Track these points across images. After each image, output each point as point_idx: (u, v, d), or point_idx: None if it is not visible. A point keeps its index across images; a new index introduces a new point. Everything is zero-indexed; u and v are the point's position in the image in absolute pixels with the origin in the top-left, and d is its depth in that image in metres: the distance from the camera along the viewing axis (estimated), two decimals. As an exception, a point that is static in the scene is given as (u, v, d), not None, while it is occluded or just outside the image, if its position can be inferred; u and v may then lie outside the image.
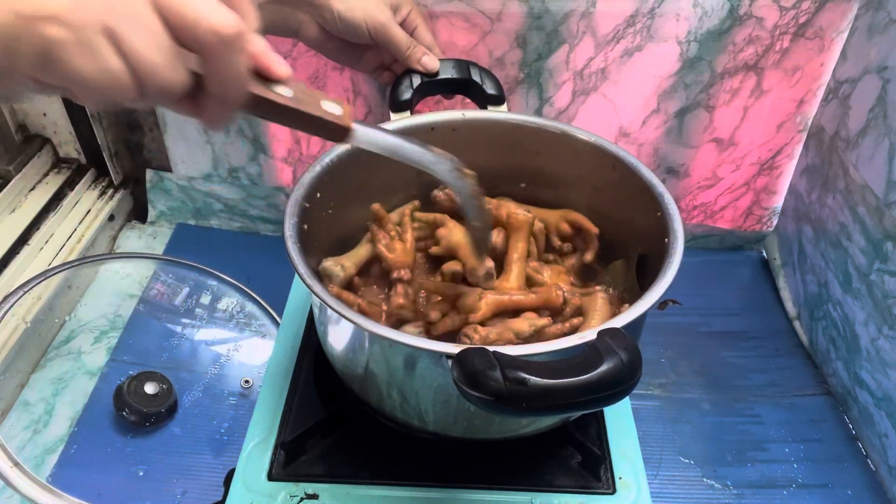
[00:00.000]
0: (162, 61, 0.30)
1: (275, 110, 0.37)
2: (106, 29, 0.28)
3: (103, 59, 0.29)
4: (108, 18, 0.28)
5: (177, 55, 0.30)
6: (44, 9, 0.28)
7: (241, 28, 0.31)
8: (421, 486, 0.53)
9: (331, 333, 0.53)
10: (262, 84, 0.36)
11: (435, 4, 0.78)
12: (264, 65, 0.35)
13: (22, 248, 0.90)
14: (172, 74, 0.30)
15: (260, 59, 0.34)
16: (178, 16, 0.30)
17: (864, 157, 0.77)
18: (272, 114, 0.37)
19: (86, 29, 0.28)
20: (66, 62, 0.28)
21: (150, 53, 0.29)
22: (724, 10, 0.79)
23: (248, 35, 0.32)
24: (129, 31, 0.29)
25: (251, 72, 0.34)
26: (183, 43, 0.30)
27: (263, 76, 0.36)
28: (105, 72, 0.29)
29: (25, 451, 0.74)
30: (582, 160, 0.63)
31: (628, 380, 0.39)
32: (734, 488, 0.76)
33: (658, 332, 0.92)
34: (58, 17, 0.28)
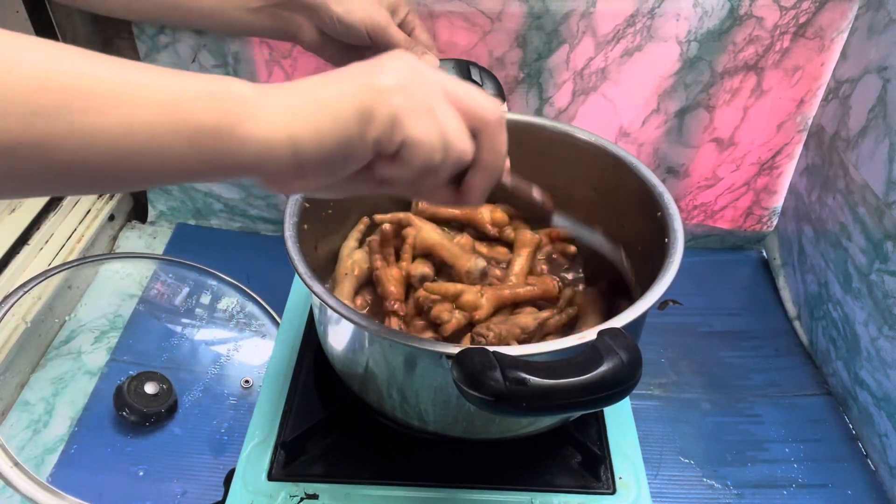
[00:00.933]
0: (462, 131, 0.38)
1: (503, 193, 0.46)
2: (428, 107, 0.37)
3: (430, 123, 0.37)
4: (429, 98, 0.37)
5: (466, 131, 0.39)
6: (395, 84, 0.36)
7: (504, 112, 0.42)
8: (421, 486, 0.53)
9: (331, 333, 0.53)
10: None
11: (435, 4, 0.78)
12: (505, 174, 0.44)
13: (22, 248, 0.90)
14: (466, 144, 0.39)
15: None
16: (464, 103, 0.39)
17: (864, 156, 0.77)
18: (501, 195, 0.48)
19: (419, 100, 0.36)
20: (407, 125, 0.36)
21: (455, 124, 0.38)
22: (724, 10, 0.79)
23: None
24: (440, 106, 0.37)
25: None
26: (468, 123, 0.39)
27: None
28: (431, 133, 0.37)
29: (25, 451, 0.74)
30: (582, 160, 0.63)
31: (628, 380, 0.39)
32: (734, 488, 0.76)
33: (658, 332, 0.92)
34: (403, 88, 0.36)
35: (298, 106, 0.34)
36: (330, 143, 0.34)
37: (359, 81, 0.35)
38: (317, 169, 0.35)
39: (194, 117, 0.31)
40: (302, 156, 0.34)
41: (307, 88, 0.35)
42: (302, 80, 0.36)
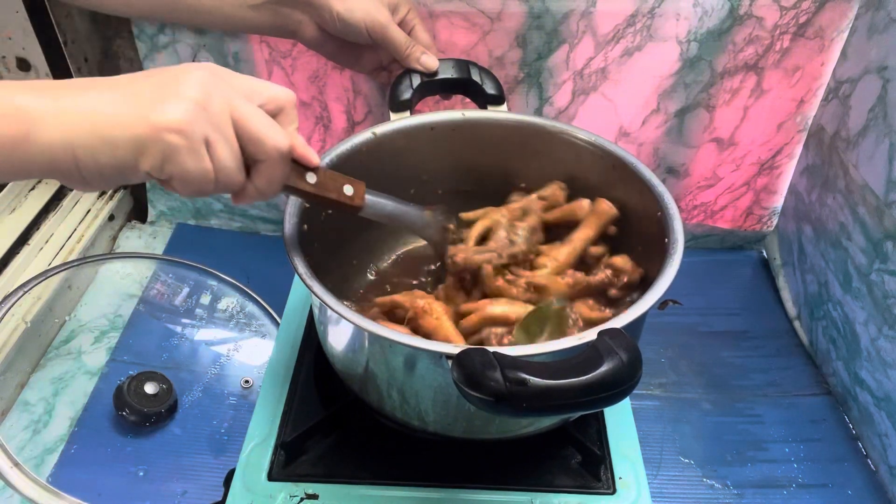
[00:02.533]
0: (234, 167, 0.40)
1: (301, 193, 0.47)
2: (206, 140, 0.38)
3: (203, 160, 0.39)
4: (208, 132, 0.38)
5: (241, 162, 0.41)
6: (172, 122, 0.37)
7: (290, 145, 0.42)
8: (421, 486, 0.53)
9: (331, 333, 0.53)
10: (295, 173, 0.45)
11: (435, 4, 0.78)
12: (305, 157, 0.45)
13: (22, 248, 0.90)
14: (238, 176, 0.41)
15: (300, 151, 0.45)
16: (249, 132, 0.40)
17: (864, 156, 0.77)
18: (299, 195, 0.47)
19: (196, 138, 0.38)
20: (179, 161, 0.38)
21: (229, 160, 0.40)
22: (724, 9, 0.79)
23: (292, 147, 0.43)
24: (218, 142, 0.39)
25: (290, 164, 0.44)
26: (247, 153, 0.41)
27: (299, 164, 0.46)
28: (202, 170, 0.39)
29: (25, 451, 0.74)
30: (582, 160, 0.63)
31: (628, 380, 0.39)
32: (734, 488, 0.76)
33: (658, 332, 0.92)
34: (180, 128, 0.37)
35: (77, 126, 0.36)
36: (106, 167, 0.37)
37: (139, 111, 0.37)
38: (99, 182, 0.38)
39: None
40: (83, 170, 0.37)
41: (90, 103, 0.37)
42: (88, 87, 0.38)
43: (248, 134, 0.40)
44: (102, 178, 0.38)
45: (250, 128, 0.40)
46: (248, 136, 0.40)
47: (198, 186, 0.39)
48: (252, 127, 0.40)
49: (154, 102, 0.37)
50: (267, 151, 0.41)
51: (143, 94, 0.38)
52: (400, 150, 0.64)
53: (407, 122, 0.64)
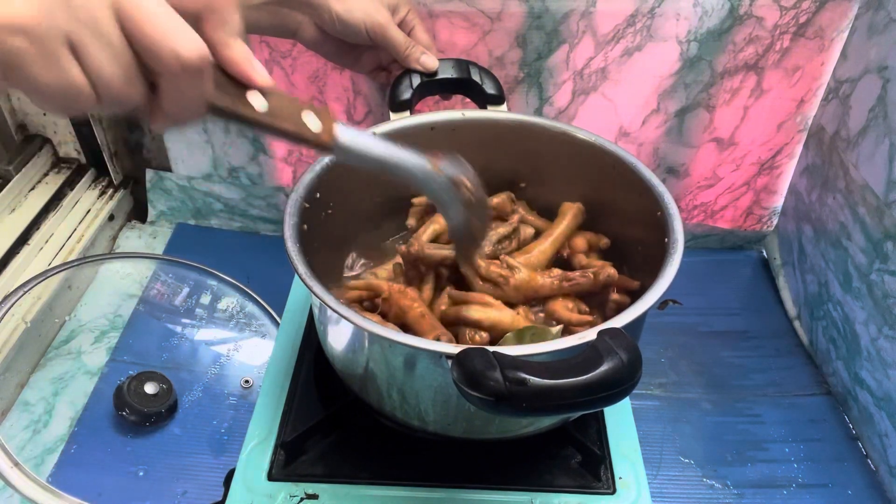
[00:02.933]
0: (120, 76, 0.30)
1: (246, 121, 0.35)
2: (69, 41, 0.28)
3: (64, 70, 0.29)
4: (73, 31, 0.28)
5: (135, 71, 0.30)
6: (10, 20, 0.27)
7: (203, 54, 0.31)
8: (421, 486, 0.53)
9: (331, 333, 0.53)
10: (233, 94, 0.34)
11: (435, 4, 0.78)
12: (244, 73, 0.34)
13: (22, 248, 0.90)
14: (129, 89, 0.31)
15: (240, 67, 0.34)
16: (141, 34, 0.30)
17: (865, 156, 0.77)
18: (245, 124, 0.36)
19: (50, 41, 0.28)
20: (26, 72, 0.28)
21: (109, 68, 0.29)
22: (724, 9, 0.79)
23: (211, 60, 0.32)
24: (91, 44, 0.29)
25: (225, 79, 0.34)
26: (143, 60, 0.30)
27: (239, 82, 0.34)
28: (64, 82, 0.29)
29: (25, 451, 0.75)
30: (582, 160, 0.63)
31: (628, 380, 0.39)
32: (734, 488, 0.76)
33: (658, 332, 0.92)
34: (23, 28, 0.27)
35: None
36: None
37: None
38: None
39: None
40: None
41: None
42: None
43: (137, 36, 0.30)
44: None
45: (140, 27, 0.29)
46: (137, 39, 0.30)
47: (63, 102, 0.30)
48: (143, 26, 0.29)
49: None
50: (163, 60, 0.30)
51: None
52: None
53: (407, 122, 0.64)
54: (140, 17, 0.29)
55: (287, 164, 0.98)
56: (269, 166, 0.98)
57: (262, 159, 0.97)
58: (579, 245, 0.63)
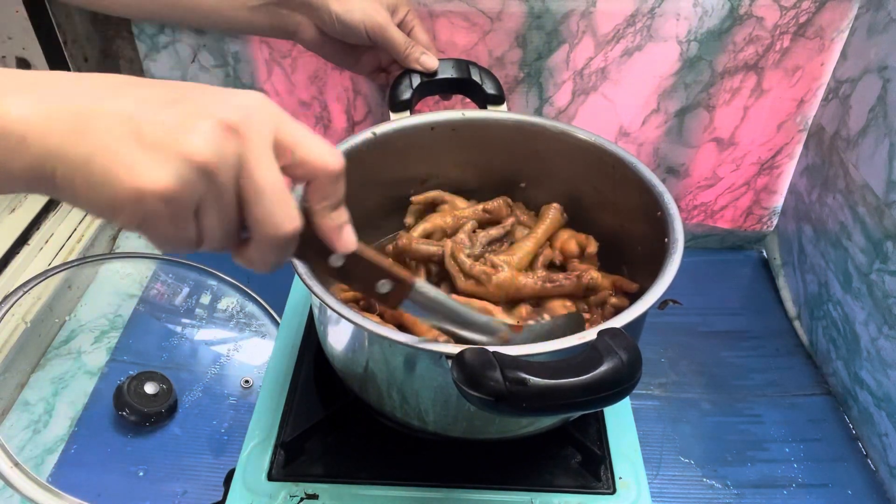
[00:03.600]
0: (224, 236, 0.33)
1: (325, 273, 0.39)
2: (199, 207, 0.31)
3: (184, 231, 0.31)
4: (203, 201, 0.31)
5: (234, 233, 0.33)
6: (155, 186, 0.29)
7: (296, 230, 0.34)
8: (421, 486, 0.53)
9: (331, 333, 0.53)
10: (315, 251, 0.38)
11: (435, 4, 0.78)
12: (331, 242, 0.38)
13: (22, 248, 0.90)
14: (226, 244, 0.34)
15: (329, 236, 0.37)
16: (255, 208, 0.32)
17: (865, 156, 0.77)
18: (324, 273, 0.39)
19: (182, 208, 0.30)
20: (155, 228, 0.31)
21: (219, 230, 0.33)
22: (725, 9, 0.79)
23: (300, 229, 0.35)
24: (211, 212, 0.31)
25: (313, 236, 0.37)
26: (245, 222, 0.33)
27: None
28: (181, 238, 0.32)
29: (25, 451, 0.74)
30: (582, 160, 0.63)
31: (628, 380, 0.39)
32: (734, 488, 0.76)
33: (658, 332, 0.92)
34: (165, 197, 0.29)
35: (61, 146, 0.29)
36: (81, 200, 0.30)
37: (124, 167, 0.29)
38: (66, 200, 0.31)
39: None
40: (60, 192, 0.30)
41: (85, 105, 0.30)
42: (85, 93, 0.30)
43: (250, 210, 0.32)
44: (77, 205, 0.31)
45: (255, 206, 0.32)
46: (249, 212, 0.33)
47: (172, 249, 0.33)
48: (258, 205, 0.32)
49: (152, 151, 0.29)
50: (263, 234, 0.33)
51: (147, 131, 0.29)
52: (400, 150, 0.64)
53: (407, 122, 0.64)
54: (257, 195, 0.32)
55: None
56: (269, 166, 0.98)
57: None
58: (571, 249, 0.63)
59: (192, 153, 0.29)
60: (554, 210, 0.64)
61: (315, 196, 0.35)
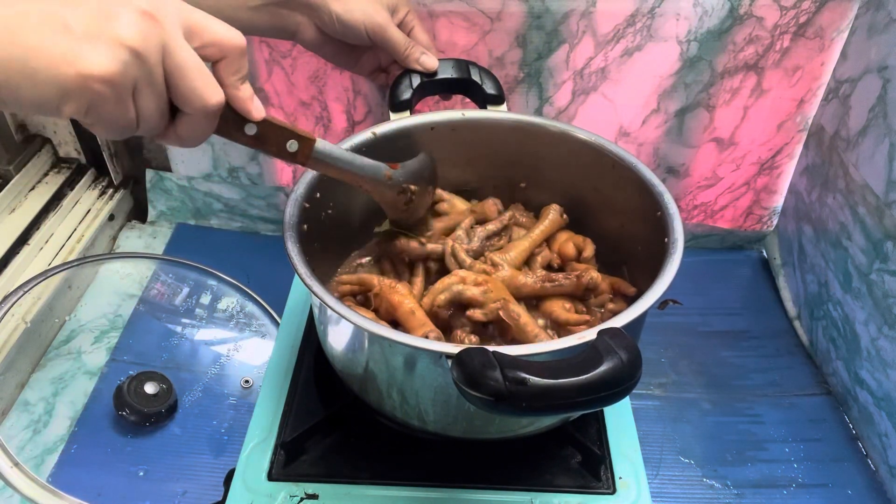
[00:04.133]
0: (157, 113, 0.38)
1: (241, 143, 0.45)
2: (135, 87, 0.36)
3: (128, 111, 0.36)
4: (138, 79, 0.36)
5: (167, 109, 0.39)
6: (101, 73, 0.34)
7: (221, 102, 0.40)
8: (421, 486, 0.53)
9: (331, 333, 0.53)
10: (231, 122, 0.43)
11: (435, 4, 0.78)
12: (246, 110, 0.43)
13: (22, 248, 0.90)
14: (160, 122, 0.39)
15: (244, 105, 0.42)
16: (181, 84, 0.37)
17: (865, 156, 0.77)
18: (241, 143, 0.45)
19: (123, 90, 0.35)
20: (101, 110, 0.35)
21: (153, 108, 0.37)
22: (725, 9, 0.79)
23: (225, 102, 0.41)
24: (145, 91, 0.36)
25: (228, 111, 0.42)
26: (174, 101, 0.38)
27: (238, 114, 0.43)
28: (123, 118, 0.37)
29: (25, 451, 0.75)
30: (582, 160, 0.63)
31: (628, 380, 0.39)
32: (734, 488, 0.76)
33: (658, 332, 0.92)
34: (110, 79, 0.34)
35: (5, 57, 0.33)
36: (24, 101, 0.34)
37: (67, 52, 0.33)
38: (19, 109, 0.36)
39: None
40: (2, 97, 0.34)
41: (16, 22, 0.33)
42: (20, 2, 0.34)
43: (177, 86, 0.37)
44: (21, 108, 0.35)
45: (181, 81, 0.37)
46: (176, 89, 0.38)
47: (117, 132, 0.38)
48: (183, 80, 0.37)
49: (85, 38, 0.33)
50: (193, 107, 0.38)
51: (74, 24, 0.33)
52: (400, 150, 0.64)
53: (407, 122, 0.64)
54: (181, 71, 0.37)
55: (287, 164, 0.98)
56: (269, 166, 0.98)
57: (262, 159, 0.97)
58: (568, 252, 0.63)
59: (123, 38, 0.34)
60: (553, 211, 0.64)
61: (226, 71, 0.40)
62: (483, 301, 0.53)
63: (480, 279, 0.54)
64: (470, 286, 0.53)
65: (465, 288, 0.53)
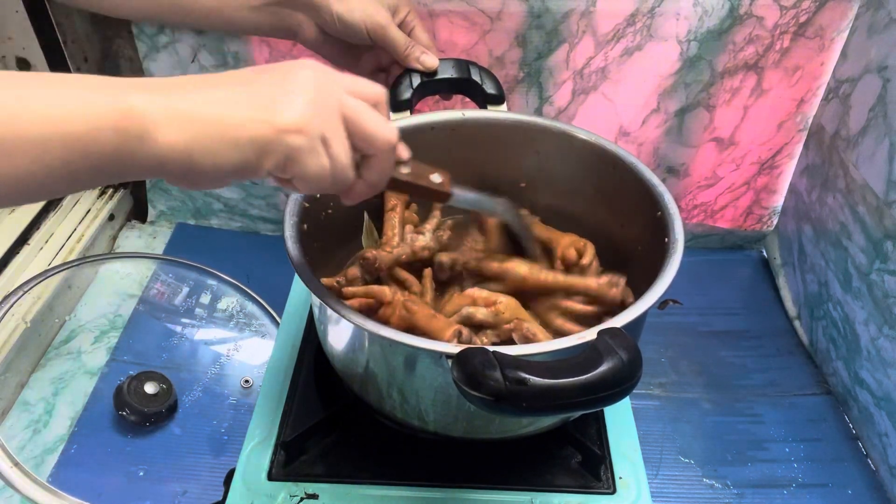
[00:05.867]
0: (348, 163, 0.41)
1: (399, 185, 0.47)
2: (323, 138, 0.39)
3: (322, 160, 0.39)
4: (325, 130, 0.39)
5: (353, 158, 0.41)
6: (292, 122, 0.37)
7: (398, 136, 0.43)
8: (421, 486, 0.53)
9: (331, 333, 0.53)
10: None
11: (435, 3, 0.78)
12: (400, 154, 0.45)
13: (22, 248, 0.90)
14: (352, 172, 0.42)
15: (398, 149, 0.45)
16: (363, 129, 0.40)
17: (865, 156, 0.77)
18: (396, 188, 0.47)
19: (314, 138, 0.38)
20: (300, 162, 0.38)
21: (343, 158, 0.40)
22: (725, 9, 0.79)
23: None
24: (334, 140, 0.39)
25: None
26: (359, 148, 0.41)
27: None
28: (321, 169, 0.39)
29: (25, 451, 0.74)
30: (582, 160, 0.63)
31: (628, 380, 0.39)
32: (734, 488, 0.76)
33: (658, 332, 0.92)
34: (301, 129, 0.37)
35: (199, 127, 0.36)
36: (226, 166, 0.37)
37: (259, 113, 0.37)
38: (207, 181, 0.38)
39: (98, 146, 0.34)
40: (196, 170, 0.36)
41: (208, 106, 0.36)
42: (201, 86, 0.37)
43: (361, 130, 0.40)
44: (215, 178, 0.38)
45: (362, 124, 0.40)
46: (360, 132, 0.40)
47: (316, 185, 0.40)
48: (363, 123, 0.40)
49: (272, 102, 0.37)
50: (379, 146, 0.41)
51: (259, 93, 0.37)
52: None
53: (407, 122, 0.64)
54: (358, 116, 0.40)
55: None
56: (269, 166, 0.98)
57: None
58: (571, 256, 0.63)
59: (304, 93, 0.38)
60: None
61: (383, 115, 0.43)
62: (495, 323, 0.53)
63: (492, 298, 0.54)
64: (480, 307, 0.53)
65: (475, 310, 0.53)
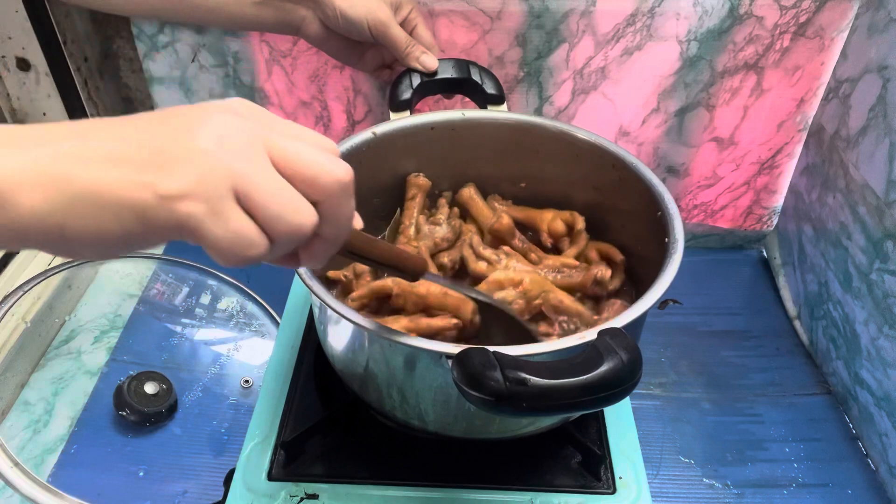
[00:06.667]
0: (289, 206, 0.31)
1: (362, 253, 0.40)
2: (234, 190, 0.30)
3: (234, 221, 0.30)
4: (235, 181, 0.30)
5: (300, 198, 0.32)
6: (176, 188, 0.29)
7: (351, 172, 0.34)
8: (421, 486, 0.53)
9: (331, 333, 0.53)
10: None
11: (435, 3, 0.78)
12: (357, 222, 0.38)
13: (22, 247, 0.90)
14: (298, 218, 0.32)
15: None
16: (300, 169, 0.31)
17: (865, 156, 0.77)
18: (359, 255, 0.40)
19: (215, 199, 0.29)
20: (200, 232, 0.30)
21: (275, 201, 0.31)
22: (725, 9, 0.79)
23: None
24: (253, 187, 0.30)
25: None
26: (304, 195, 0.32)
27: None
28: (235, 233, 0.30)
29: (25, 451, 0.74)
30: (582, 160, 0.63)
31: (628, 380, 0.39)
32: (734, 488, 0.76)
33: (658, 332, 0.92)
34: (188, 194, 0.29)
35: (71, 191, 0.28)
36: (108, 238, 0.30)
37: (142, 177, 0.29)
38: (92, 253, 0.31)
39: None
40: (73, 242, 0.29)
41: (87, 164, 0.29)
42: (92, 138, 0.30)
43: (299, 171, 0.31)
44: (105, 251, 0.30)
45: (298, 163, 0.31)
46: (298, 174, 0.31)
47: (238, 251, 0.31)
48: (300, 162, 0.31)
49: (162, 159, 0.29)
50: (324, 186, 0.32)
51: (151, 147, 0.30)
52: (400, 150, 0.64)
53: (407, 121, 0.64)
54: (296, 158, 0.31)
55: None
56: (269, 166, 0.98)
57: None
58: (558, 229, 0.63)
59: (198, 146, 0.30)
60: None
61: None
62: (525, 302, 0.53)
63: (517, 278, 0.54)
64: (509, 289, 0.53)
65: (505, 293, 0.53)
